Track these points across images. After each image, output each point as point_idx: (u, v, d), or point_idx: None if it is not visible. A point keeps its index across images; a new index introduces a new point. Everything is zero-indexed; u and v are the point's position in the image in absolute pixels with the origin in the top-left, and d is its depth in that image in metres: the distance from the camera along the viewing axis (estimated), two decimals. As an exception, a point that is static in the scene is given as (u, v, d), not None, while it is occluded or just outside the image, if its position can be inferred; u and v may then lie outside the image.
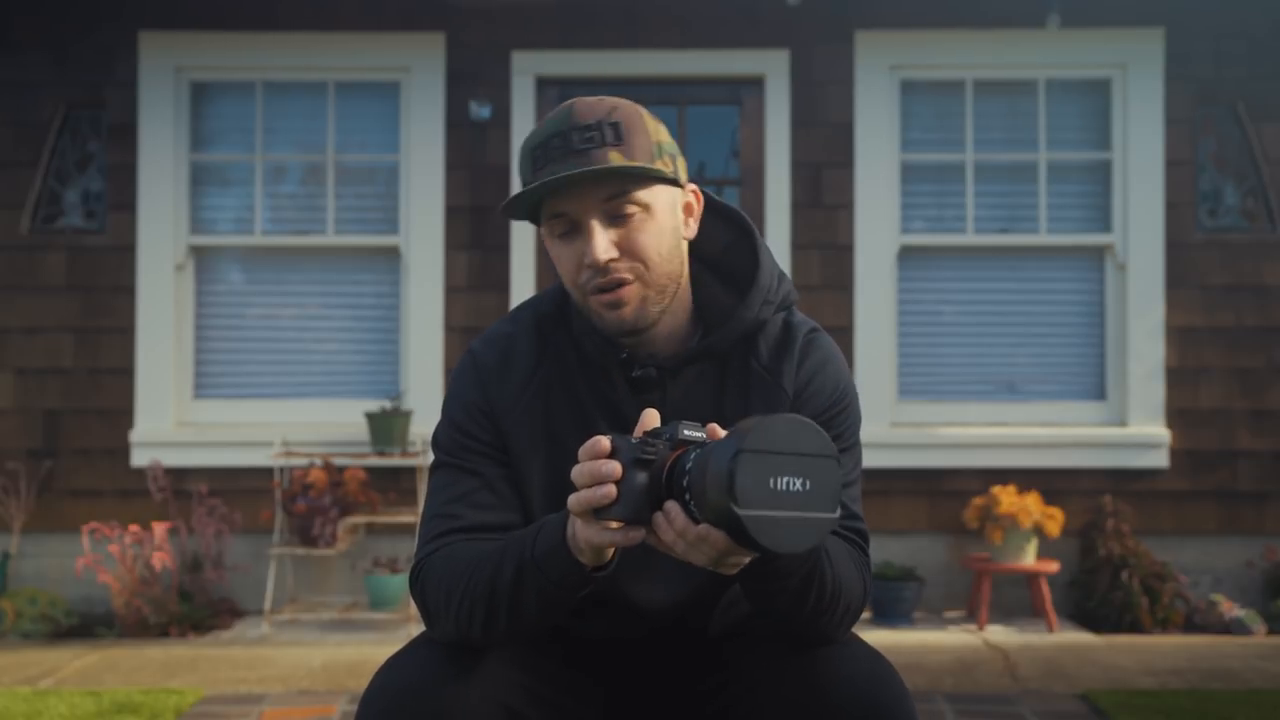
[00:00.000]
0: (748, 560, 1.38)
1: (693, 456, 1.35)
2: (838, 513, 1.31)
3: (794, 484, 1.28)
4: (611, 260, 1.55)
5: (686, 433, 1.40)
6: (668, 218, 1.60)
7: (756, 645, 1.60)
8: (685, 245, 1.65)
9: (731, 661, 1.65)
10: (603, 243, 1.55)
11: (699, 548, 1.34)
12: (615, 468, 1.36)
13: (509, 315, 1.74)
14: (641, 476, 1.39)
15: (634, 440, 1.40)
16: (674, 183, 1.62)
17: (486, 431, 1.63)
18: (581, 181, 1.53)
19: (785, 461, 1.28)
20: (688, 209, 1.66)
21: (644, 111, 1.60)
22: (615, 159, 1.53)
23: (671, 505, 1.36)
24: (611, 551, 1.43)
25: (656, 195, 1.59)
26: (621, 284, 1.57)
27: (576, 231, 1.57)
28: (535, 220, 1.64)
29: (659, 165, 1.57)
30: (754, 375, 1.66)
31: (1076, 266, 5.44)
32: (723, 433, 1.37)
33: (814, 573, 1.47)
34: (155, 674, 4.10)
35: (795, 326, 1.70)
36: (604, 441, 1.38)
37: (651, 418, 1.44)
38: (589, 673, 1.70)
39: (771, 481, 1.27)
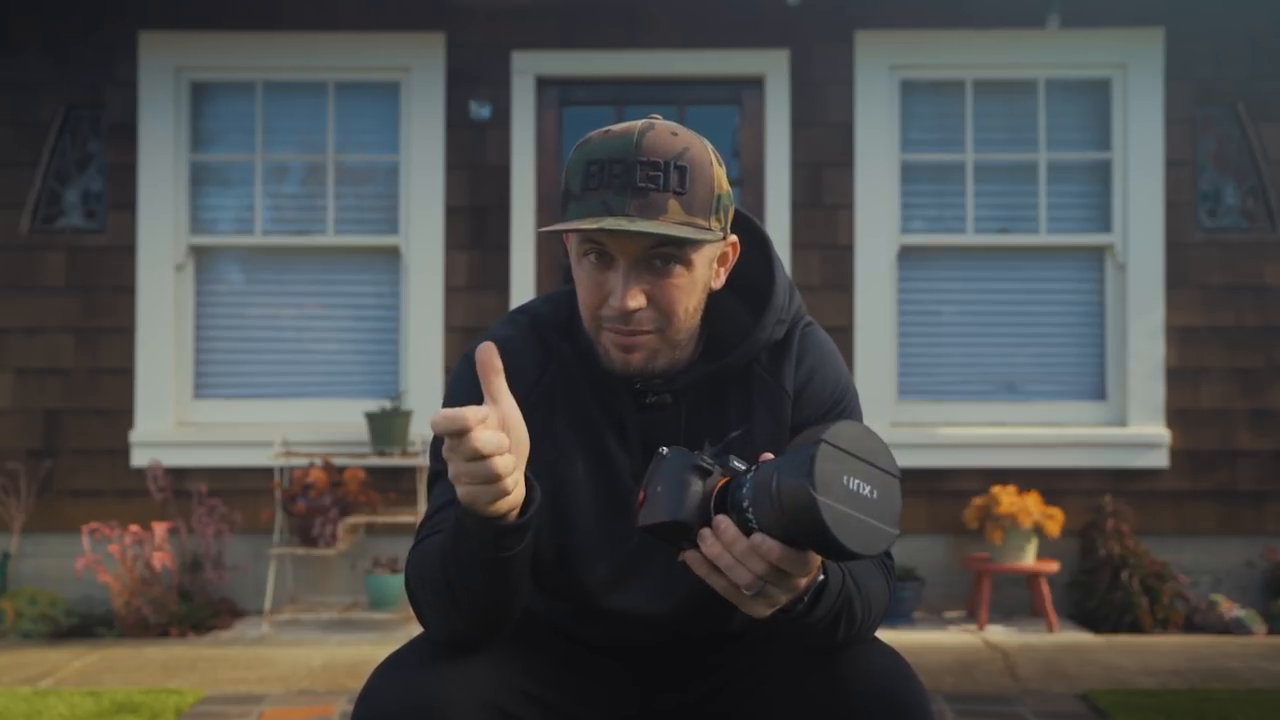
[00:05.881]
0: (785, 598, 1.37)
1: (750, 474, 1.35)
2: (898, 531, 1.30)
3: (864, 488, 1.27)
4: (638, 310, 1.52)
5: (736, 463, 1.40)
6: (703, 273, 1.56)
7: (773, 642, 1.59)
8: (708, 294, 1.61)
9: (742, 660, 1.65)
10: (634, 291, 1.51)
11: (747, 561, 1.32)
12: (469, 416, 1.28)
13: (505, 320, 1.70)
14: (697, 484, 1.38)
15: (692, 451, 1.41)
16: (719, 239, 1.56)
17: None
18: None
19: (859, 466, 1.27)
20: (722, 259, 1.61)
21: (712, 156, 1.53)
22: (674, 208, 1.48)
23: (721, 517, 1.35)
24: (513, 505, 1.37)
25: (700, 252, 1.54)
26: (639, 333, 1.54)
27: (608, 265, 1.52)
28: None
29: (714, 221, 1.52)
30: (755, 378, 1.65)
31: (1076, 266, 5.44)
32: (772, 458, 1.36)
33: (843, 611, 1.47)
34: (155, 674, 4.10)
35: (791, 325, 1.69)
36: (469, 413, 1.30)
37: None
38: (594, 677, 1.69)
39: (846, 479, 1.26)
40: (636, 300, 1.51)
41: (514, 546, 1.41)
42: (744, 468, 1.39)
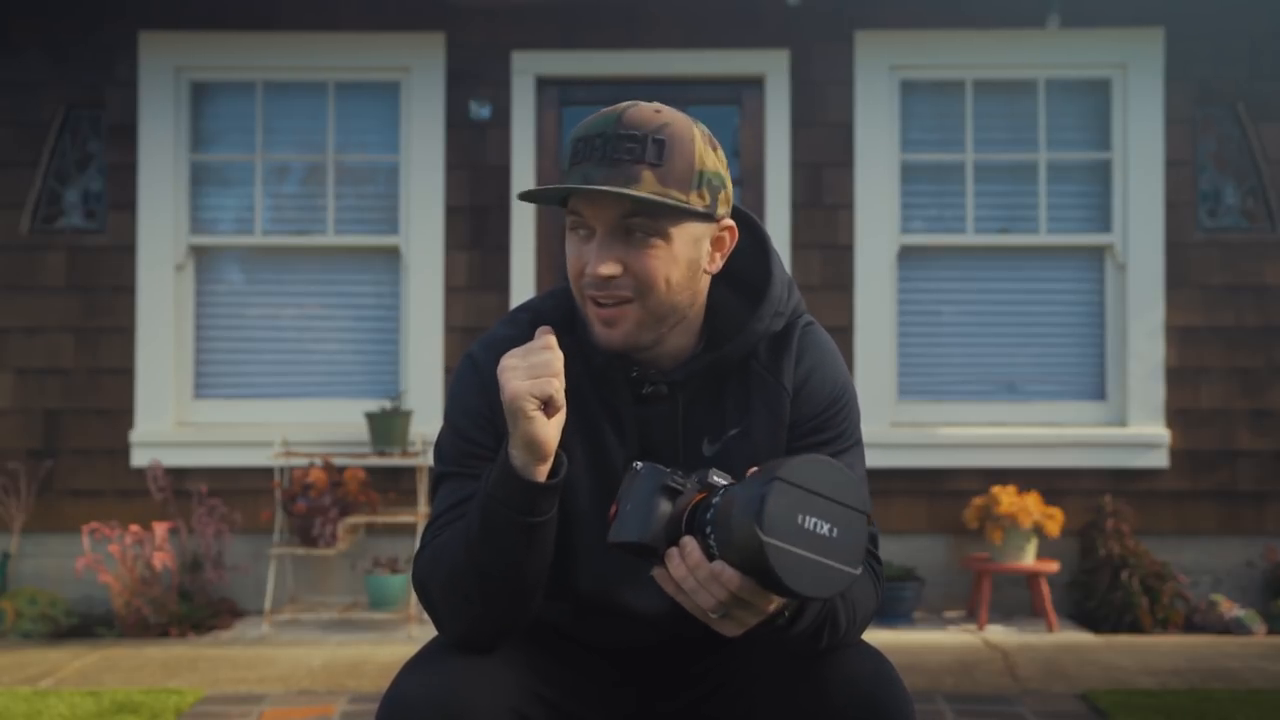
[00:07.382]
0: (754, 620, 1.38)
1: (720, 494, 1.33)
2: (860, 570, 1.27)
3: (822, 527, 1.25)
4: (612, 276, 1.53)
5: (715, 478, 1.39)
6: (686, 249, 1.55)
7: (759, 646, 1.59)
8: (705, 278, 1.61)
9: (734, 662, 1.65)
10: (605, 257, 1.52)
11: (709, 587, 1.33)
12: (556, 361, 1.46)
13: (506, 318, 1.71)
14: (665, 505, 1.37)
15: (664, 469, 1.39)
16: (703, 217, 1.56)
17: (491, 437, 1.60)
18: (604, 193, 1.51)
19: (818, 503, 1.25)
20: (718, 243, 1.61)
21: (698, 134, 1.54)
22: (648, 178, 1.49)
23: (688, 539, 1.35)
24: (547, 465, 1.46)
25: (680, 228, 1.54)
26: (620, 301, 1.54)
27: (590, 237, 1.55)
28: (565, 206, 1.62)
29: (693, 196, 1.52)
30: (754, 375, 1.65)
31: (1076, 266, 5.44)
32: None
33: (827, 621, 1.48)
34: (155, 674, 4.10)
35: (791, 322, 1.69)
36: (549, 336, 1.48)
37: None
38: (590, 676, 1.70)
39: (800, 518, 1.24)
40: (609, 267, 1.52)
41: (546, 511, 1.47)
42: (724, 483, 1.37)
